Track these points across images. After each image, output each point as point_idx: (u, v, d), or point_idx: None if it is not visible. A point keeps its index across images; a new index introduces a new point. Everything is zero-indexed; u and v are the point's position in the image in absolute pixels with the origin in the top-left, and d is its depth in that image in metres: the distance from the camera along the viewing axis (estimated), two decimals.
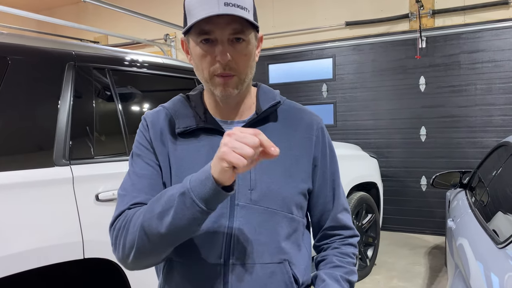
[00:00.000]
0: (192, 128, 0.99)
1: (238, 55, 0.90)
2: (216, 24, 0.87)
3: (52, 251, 1.66)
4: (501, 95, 4.62)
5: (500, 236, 1.68)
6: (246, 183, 0.95)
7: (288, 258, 0.98)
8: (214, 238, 0.94)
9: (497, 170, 2.42)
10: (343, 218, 1.11)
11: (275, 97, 1.05)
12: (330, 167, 1.08)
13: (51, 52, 1.89)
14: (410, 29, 5.00)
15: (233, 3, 0.86)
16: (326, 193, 1.08)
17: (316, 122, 1.07)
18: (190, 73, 2.62)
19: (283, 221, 0.98)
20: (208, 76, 0.92)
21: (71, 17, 6.09)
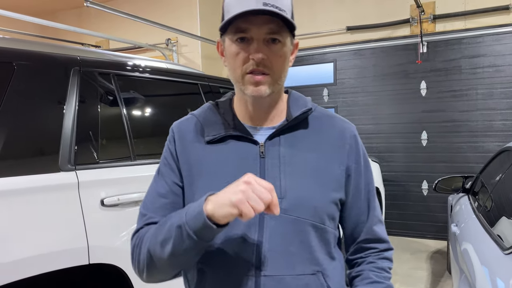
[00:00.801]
0: (220, 135, 0.97)
1: (273, 55, 0.89)
2: (252, 22, 0.86)
3: (57, 257, 1.66)
4: (502, 99, 4.63)
5: (505, 242, 1.69)
6: (276, 191, 0.89)
7: (322, 269, 0.95)
8: (244, 249, 0.91)
9: (501, 175, 2.43)
10: (378, 231, 1.06)
11: (306, 103, 1.02)
12: (364, 177, 1.03)
13: (56, 57, 1.90)
14: (411, 34, 5.01)
15: (271, 3, 0.85)
16: (360, 204, 1.03)
17: (349, 130, 1.03)
18: (194, 78, 2.63)
19: (315, 231, 0.94)
20: (240, 74, 0.91)
21: (72, 21, 6.10)
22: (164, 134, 2.36)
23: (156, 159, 2.20)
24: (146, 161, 2.12)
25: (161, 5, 5.84)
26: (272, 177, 0.93)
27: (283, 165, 0.94)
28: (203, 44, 5.64)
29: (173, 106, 2.54)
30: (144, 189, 1.99)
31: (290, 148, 0.96)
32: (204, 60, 5.71)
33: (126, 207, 1.93)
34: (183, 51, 5.80)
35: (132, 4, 5.96)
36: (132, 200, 1.95)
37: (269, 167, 0.94)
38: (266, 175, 0.93)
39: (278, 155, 0.95)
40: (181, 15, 5.66)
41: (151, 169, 2.10)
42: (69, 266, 1.69)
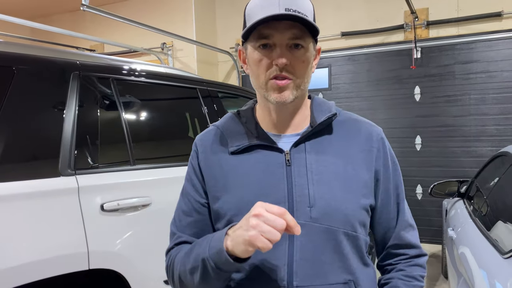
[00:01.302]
0: (244, 145, 0.96)
1: (296, 61, 0.88)
2: (275, 28, 0.85)
3: (57, 262, 1.65)
4: (495, 105, 4.69)
5: (503, 246, 1.70)
6: (305, 200, 0.90)
7: (354, 278, 0.93)
8: (275, 260, 0.89)
9: (496, 180, 2.46)
10: (407, 236, 1.02)
11: (330, 108, 0.99)
12: (393, 180, 1.00)
13: (56, 61, 1.90)
14: (405, 39, 5.06)
15: (294, 9, 0.84)
16: (390, 209, 1.00)
17: (376, 133, 1.00)
18: (193, 82, 2.63)
19: (347, 239, 0.92)
20: (264, 80, 0.89)
21: (67, 25, 6.08)
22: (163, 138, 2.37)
23: (156, 163, 2.20)
24: (146, 166, 2.11)
25: (156, 10, 5.84)
26: (300, 185, 0.91)
27: (310, 172, 0.92)
28: (198, 49, 5.64)
29: (172, 110, 2.54)
30: (143, 194, 2.00)
31: (316, 154, 0.94)
32: (199, 64, 5.72)
33: (126, 212, 1.93)
34: (178, 55, 5.80)
35: (128, 8, 5.96)
36: (132, 205, 1.94)
37: (296, 176, 0.92)
38: (294, 184, 0.92)
39: (304, 162, 0.93)
40: (177, 19, 5.67)
41: (151, 174, 2.11)
42: (69, 272, 1.68)
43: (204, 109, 2.61)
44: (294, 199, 0.90)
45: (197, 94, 2.61)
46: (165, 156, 2.32)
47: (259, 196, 0.90)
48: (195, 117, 2.69)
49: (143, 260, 1.95)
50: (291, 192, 0.91)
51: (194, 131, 2.70)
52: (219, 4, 6.13)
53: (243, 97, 3.12)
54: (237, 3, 5.97)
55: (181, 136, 2.58)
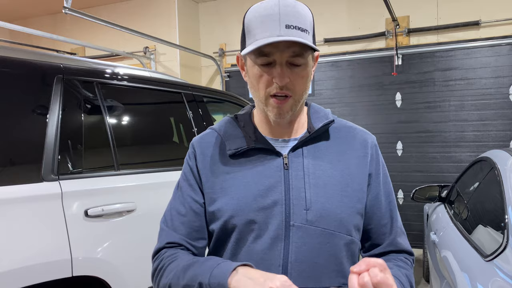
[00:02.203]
0: (243, 149, 0.97)
1: (296, 77, 0.89)
2: (276, 46, 0.86)
3: (40, 270, 1.61)
4: (473, 111, 4.80)
5: (484, 249, 1.74)
6: (301, 203, 0.92)
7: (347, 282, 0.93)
8: (270, 261, 0.90)
9: (476, 185, 2.51)
10: (402, 243, 1.04)
11: (327, 115, 1.02)
12: (384, 187, 1.03)
13: (40, 65, 1.86)
14: (387, 46, 5.15)
15: (294, 25, 0.85)
16: (381, 215, 1.02)
17: (371, 140, 1.04)
18: (177, 86, 2.62)
19: (342, 243, 0.93)
20: (264, 96, 0.91)
21: (47, 28, 5.98)
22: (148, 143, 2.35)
23: (141, 168, 2.17)
24: (131, 171, 2.09)
25: (139, 14, 5.80)
26: (297, 189, 0.93)
27: (307, 176, 0.94)
28: (181, 53, 5.62)
29: (157, 115, 2.52)
30: (128, 200, 1.98)
31: (314, 159, 0.96)
32: (182, 68, 5.69)
33: (111, 218, 1.90)
34: (161, 59, 5.76)
35: (110, 12, 5.90)
36: (116, 211, 1.92)
37: (293, 179, 0.94)
38: (291, 187, 0.93)
39: (302, 166, 0.95)
40: (160, 23, 5.64)
41: (136, 179, 2.08)
42: (52, 279, 1.64)
43: (189, 114, 2.59)
44: (291, 201, 0.92)
45: (182, 99, 2.60)
46: (150, 161, 2.29)
47: (256, 198, 0.92)
48: (180, 122, 2.67)
49: (127, 266, 1.92)
50: (288, 194, 0.92)
51: (179, 135, 2.68)
52: (203, 9, 6.13)
53: (228, 102, 3.12)
54: (221, 9, 5.98)
55: (166, 141, 2.56)
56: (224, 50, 6.00)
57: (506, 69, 4.66)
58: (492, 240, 1.75)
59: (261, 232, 0.91)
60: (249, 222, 0.92)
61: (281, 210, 0.91)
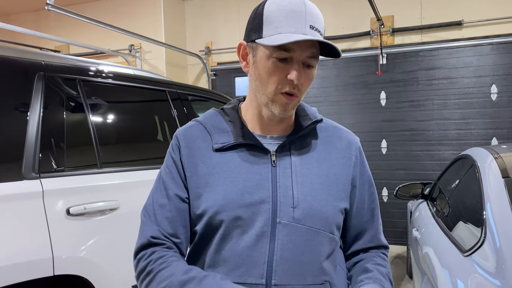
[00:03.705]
0: (230, 143, 0.96)
1: (306, 79, 0.91)
2: (298, 44, 0.86)
3: (20, 269, 1.59)
4: (456, 110, 4.88)
5: (463, 244, 1.78)
6: (289, 201, 0.92)
7: (329, 279, 0.95)
8: (255, 257, 0.90)
9: (456, 182, 2.55)
10: (382, 239, 1.09)
11: (315, 114, 1.03)
12: (368, 188, 1.06)
13: (20, 62, 1.84)
14: (372, 46, 5.20)
15: (316, 26, 0.87)
16: (364, 213, 1.05)
17: (355, 141, 1.06)
18: (162, 85, 2.61)
19: (325, 241, 0.95)
20: (272, 91, 0.90)
21: (29, 25, 5.88)
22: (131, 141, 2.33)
23: (124, 166, 2.16)
24: (114, 169, 2.08)
25: (124, 12, 5.75)
26: (284, 186, 0.93)
27: (294, 174, 0.95)
28: (167, 51, 5.59)
29: (141, 113, 2.51)
30: (111, 198, 1.97)
31: (301, 157, 0.97)
32: (168, 66, 5.67)
33: (93, 216, 1.88)
34: (146, 57, 5.73)
35: (95, 10, 5.84)
36: (99, 209, 1.90)
37: (280, 176, 0.94)
38: (278, 184, 0.93)
39: (289, 164, 0.95)
40: (145, 21, 5.60)
41: (119, 177, 2.07)
42: (33, 278, 1.62)
43: (174, 112, 2.59)
44: (278, 199, 0.92)
45: (167, 97, 2.59)
46: (134, 160, 2.28)
47: (243, 194, 0.92)
48: (164, 120, 2.66)
49: (110, 265, 1.91)
50: (275, 192, 0.93)
51: (163, 134, 2.67)
52: (189, 7, 6.10)
53: (213, 100, 3.12)
54: (207, 7, 5.97)
55: (150, 139, 2.55)
56: (210, 49, 5.99)
57: (487, 69, 4.74)
58: (471, 235, 1.79)
59: (247, 228, 0.91)
60: (235, 219, 0.92)
61: (268, 208, 0.91)
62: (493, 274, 1.43)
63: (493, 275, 1.43)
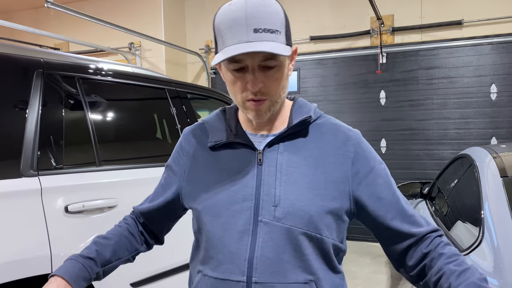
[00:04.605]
0: (222, 142, 1.00)
1: (270, 80, 0.89)
2: (246, 53, 0.84)
3: (18, 266, 1.59)
4: (456, 109, 4.88)
5: (461, 244, 1.78)
6: (271, 199, 0.92)
7: (315, 279, 0.92)
8: (237, 254, 0.92)
9: (455, 182, 2.55)
10: (426, 227, 0.96)
11: (309, 111, 1.00)
12: (383, 183, 0.97)
13: (19, 59, 1.83)
14: (372, 45, 5.20)
15: (262, 27, 0.84)
16: (386, 211, 0.96)
17: (353, 137, 1.00)
18: (160, 82, 2.60)
19: (309, 240, 0.92)
20: (240, 101, 0.93)
21: (29, 22, 5.88)
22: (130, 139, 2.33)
23: (122, 164, 2.16)
24: (112, 167, 2.07)
25: (124, 10, 5.75)
26: (268, 185, 0.94)
27: (279, 173, 0.94)
28: (167, 49, 5.59)
29: (140, 111, 2.51)
30: (109, 196, 1.97)
31: (288, 156, 0.96)
32: (168, 65, 5.66)
33: (91, 214, 1.88)
34: (146, 55, 5.72)
35: (94, 7, 5.83)
36: (97, 207, 1.90)
37: (265, 175, 0.94)
38: (262, 183, 0.94)
39: (275, 162, 0.95)
40: (145, 19, 5.59)
41: (117, 175, 2.07)
42: (31, 276, 1.62)
43: (173, 110, 2.58)
44: (261, 197, 0.93)
45: (166, 95, 2.58)
46: (132, 158, 2.28)
47: (228, 192, 0.94)
48: (163, 118, 2.66)
49: None
50: (259, 190, 0.93)
51: (162, 132, 2.67)
52: (189, 5, 6.10)
53: (213, 99, 3.11)
54: (207, 5, 5.96)
55: (148, 137, 2.54)
56: (210, 47, 5.98)
57: (487, 68, 4.74)
58: (469, 234, 1.79)
59: (230, 226, 0.93)
60: (218, 216, 0.94)
61: (250, 206, 0.92)
62: (491, 273, 1.44)
63: (491, 274, 1.43)
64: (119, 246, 1.09)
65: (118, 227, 1.14)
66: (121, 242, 1.10)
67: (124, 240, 1.11)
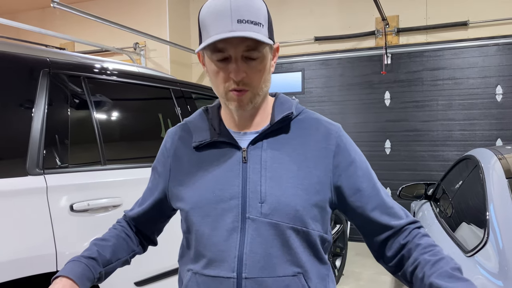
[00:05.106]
0: (206, 141, 1.01)
1: (252, 71, 0.91)
2: (229, 42, 0.87)
3: (24, 264, 1.60)
4: (460, 111, 4.86)
5: (466, 245, 1.77)
6: (257, 196, 0.94)
7: (303, 271, 0.95)
8: (227, 252, 0.93)
9: (460, 183, 2.54)
10: (405, 218, 0.99)
11: (290, 107, 1.02)
12: (363, 175, 1.00)
13: (26, 58, 1.85)
14: (376, 45, 5.19)
15: (246, 19, 0.86)
16: (366, 202, 0.99)
17: (334, 130, 1.02)
18: (166, 82, 2.61)
19: (296, 234, 0.94)
20: (223, 91, 0.94)
21: (35, 22, 5.92)
22: (135, 138, 2.34)
23: (127, 164, 2.17)
24: (117, 166, 2.08)
25: (129, 10, 5.77)
26: (253, 182, 0.95)
27: (264, 170, 0.96)
28: (172, 49, 5.61)
29: (145, 110, 2.51)
30: (114, 195, 1.98)
31: (272, 152, 0.98)
32: (173, 65, 5.68)
33: (96, 213, 1.89)
34: (151, 55, 5.74)
35: (100, 7, 5.86)
36: (102, 206, 1.91)
37: (250, 172, 0.96)
38: (248, 180, 0.95)
39: (259, 160, 0.97)
40: (150, 20, 5.61)
41: (122, 174, 2.08)
42: (36, 274, 1.63)
43: (178, 110, 2.59)
44: (247, 195, 0.94)
45: (171, 95, 2.59)
46: (137, 157, 2.29)
47: (214, 191, 0.96)
48: (168, 118, 2.67)
49: None
50: (245, 188, 0.95)
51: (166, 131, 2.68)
52: (194, 6, 6.11)
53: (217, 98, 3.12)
54: None
55: (153, 136, 2.55)
56: None
57: (493, 69, 4.72)
58: (474, 236, 1.78)
59: (218, 224, 0.94)
60: (206, 215, 0.96)
61: (237, 203, 0.94)
62: (496, 274, 1.43)
63: (496, 275, 1.42)
64: (118, 247, 1.10)
65: (114, 229, 1.15)
66: (118, 243, 1.11)
67: (122, 242, 1.12)
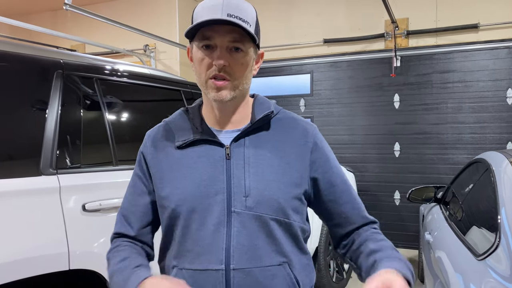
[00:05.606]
0: (189, 140, 1.04)
1: (235, 63, 0.96)
2: (217, 31, 0.93)
3: (37, 263, 1.62)
4: (471, 114, 4.83)
5: (477, 249, 1.76)
6: (241, 190, 0.99)
7: (288, 261, 1.02)
8: (214, 245, 0.98)
9: (471, 186, 2.53)
10: (368, 216, 1.13)
11: (270, 107, 1.08)
12: (335, 170, 1.10)
13: (39, 60, 1.88)
14: (386, 48, 5.17)
15: (236, 15, 0.92)
16: (338, 197, 1.09)
17: (311, 130, 1.10)
18: (176, 84, 2.63)
19: (279, 225, 1.00)
20: (204, 79, 0.98)
21: (47, 24, 5.98)
22: None
23: None
24: (129, 166, 2.10)
25: (140, 12, 5.81)
26: (237, 177, 1.00)
27: (247, 165, 1.01)
28: (181, 51, 5.64)
29: (156, 112, 2.54)
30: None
31: (254, 149, 1.03)
32: (182, 67, 5.71)
33: (108, 213, 1.91)
34: (161, 57, 5.77)
35: (110, 9, 5.91)
36: (114, 206, 1.93)
37: (234, 168, 1.01)
38: (232, 176, 1.00)
39: (243, 156, 1.02)
40: (160, 22, 5.65)
41: None
42: (48, 272, 1.66)
43: None
44: (232, 189, 0.99)
45: (181, 96, 2.61)
46: None
47: (199, 187, 0.99)
48: None
49: None
50: (230, 183, 1.00)
51: None
52: None
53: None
54: None
55: None
56: None
57: (503, 72, 4.68)
58: (485, 240, 1.77)
59: (205, 219, 0.98)
60: (193, 211, 0.99)
61: (222, 198, 0.99)
62: (507, 278, 1.42)
63: (507, 279, 1.42)
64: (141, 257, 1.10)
65: (124, 248, 1.09)
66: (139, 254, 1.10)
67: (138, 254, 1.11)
